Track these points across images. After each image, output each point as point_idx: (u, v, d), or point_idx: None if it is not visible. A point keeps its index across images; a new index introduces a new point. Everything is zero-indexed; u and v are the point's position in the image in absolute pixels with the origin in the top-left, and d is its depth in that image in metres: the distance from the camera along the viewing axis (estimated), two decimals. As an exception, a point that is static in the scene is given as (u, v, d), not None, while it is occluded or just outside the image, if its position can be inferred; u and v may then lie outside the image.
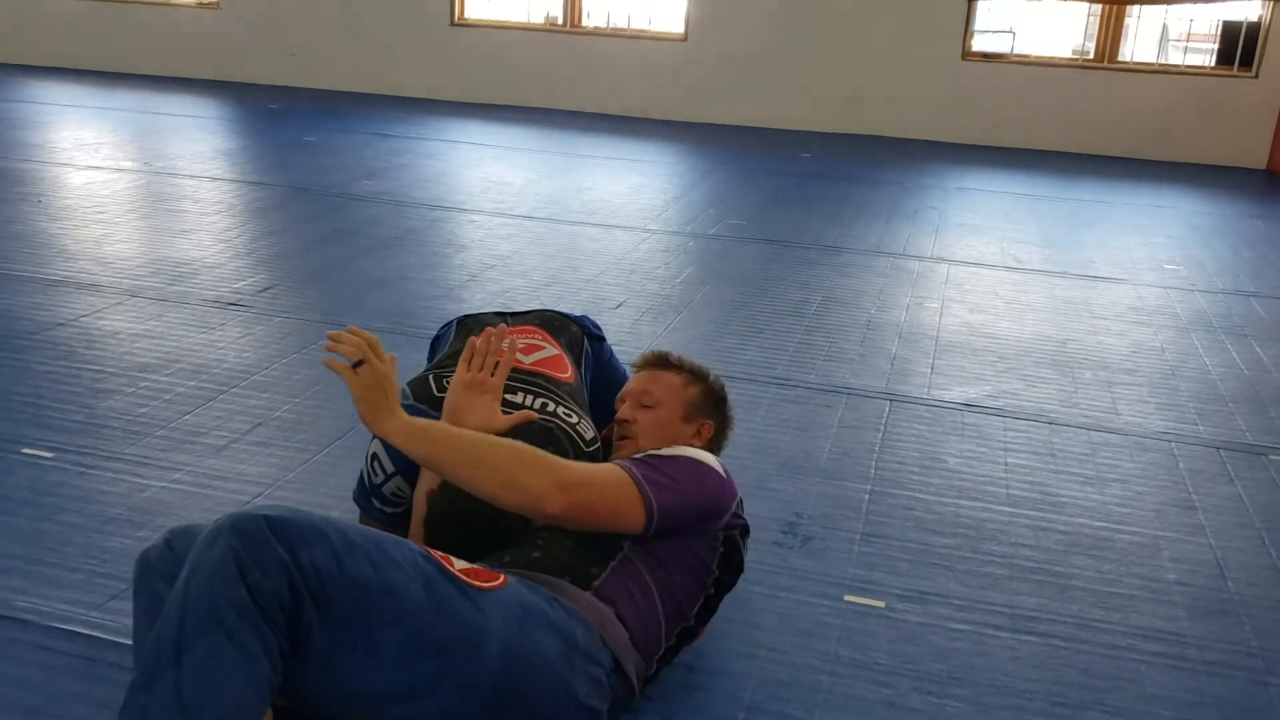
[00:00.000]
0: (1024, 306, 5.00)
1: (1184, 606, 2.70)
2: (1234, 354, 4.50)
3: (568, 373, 2.68)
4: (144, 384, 3.63)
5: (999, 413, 3.79)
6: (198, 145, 7.82)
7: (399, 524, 2.48)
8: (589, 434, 2.47)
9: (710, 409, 2.57)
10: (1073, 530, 3.03)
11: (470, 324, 2.87)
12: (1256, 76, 8.96)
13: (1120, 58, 9.31)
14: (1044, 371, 4.20)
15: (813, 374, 4.04)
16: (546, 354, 2.69)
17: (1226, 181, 8.46)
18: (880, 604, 2.63)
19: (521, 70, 10.19)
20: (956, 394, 3.93)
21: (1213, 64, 9.31)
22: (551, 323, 2.86)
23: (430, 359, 2.94)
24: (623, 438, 2.51)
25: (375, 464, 2.49)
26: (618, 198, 6.80)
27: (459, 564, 1.90)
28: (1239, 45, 9.02)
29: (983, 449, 3.51)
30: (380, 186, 6.73)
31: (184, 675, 1.60)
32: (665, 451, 2.25)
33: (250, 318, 4.30)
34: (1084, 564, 2.86)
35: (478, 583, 1.87)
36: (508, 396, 2.45)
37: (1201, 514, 3.17)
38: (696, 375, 2.60)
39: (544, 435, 2.35)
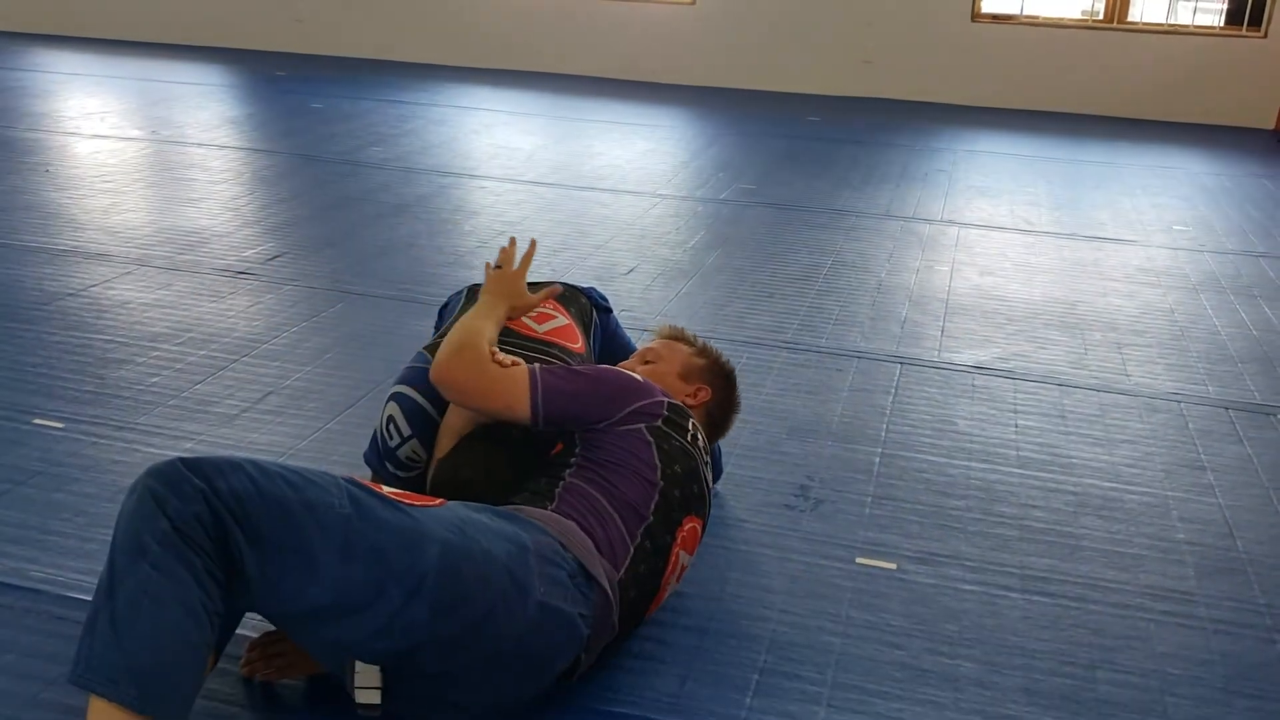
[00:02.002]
0: (1034, 269, 4.99)
1: (1193, 566, 2.71)
2: (1243, 314, 4.50)
3: (578, 343, 2.69)
4: (154, 353, 3.65)
5: (1009, 375, 3.79)
6: (204, 113, 7.81)
7: (412, 489, 2.49)
8: None
9: (710, 377, 2.59)
10: (1083, 491, 3.04)
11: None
12: (1265, 36, 8.89)
13: (1129, 18, 9.24)
14: (1054, 333, 4.20)
15: (823, 338, 4.04)
16: (558, 324, 2.70)
17: (1235, 142, 8.42)
18: (892, 566, 2.65)
19: (530, 35, 10.15)
20: (967, 357, 3.93)
21: (1222, 24, 9.25)
22: (561, 294, 2.87)
23: (438, 326, 2.94)
24: None
25: (391, 426, 2.49)
26: (627, 163, 6.79)
27: (389, 490, 1.94)
28: (1248, 5, 8.96)
29: (993, 411, 3.51)
30: (389, 153, 6.72)
31: (116, 608, 1.66)
32: (582, 367, 2.40)
33: (260, 286, 4.31)
34: (1094, 524, 2.87)
35: (410, 501, 1.91)
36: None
37: (1210, 474, 3.18)
38: (706, 351, 2.66)
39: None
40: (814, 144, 7.60)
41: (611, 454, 2.20)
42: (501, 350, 2.41)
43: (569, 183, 6.22)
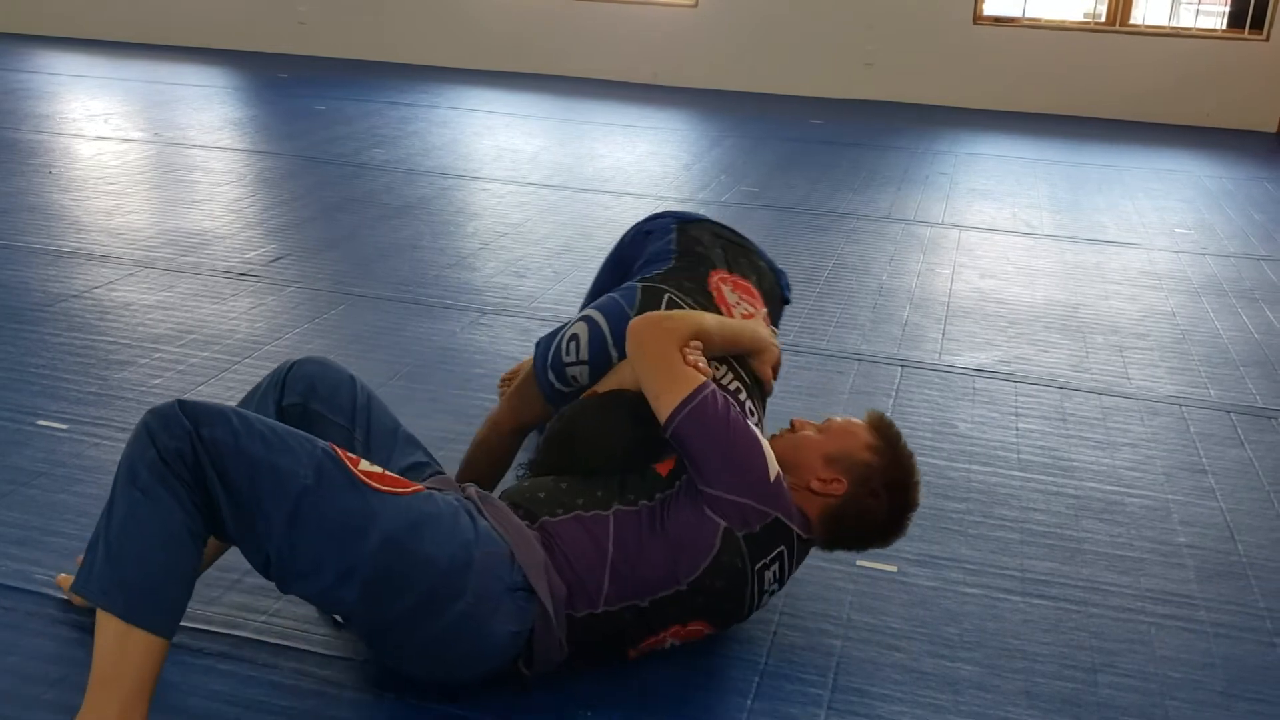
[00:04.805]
0: (1035, 271, 4.99)
1: (1194, 569, 2.72)
2: (1244, 318, 4.50)
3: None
4: (157, 355, 3.65)
5: (1010, 378, 3.79)
6: (207, 115, 7.82)
7: (560, 403, 2.52)
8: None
9: (859, 476, 2.24)
10: (1084, 494, 3.04)
11: (691, 231, 2.83)
12: (1267, 39, 8.90)
13: (1131, 21, 9.25)
14: (1055, 336, 4.20)
15: (824, 340, 4.05)
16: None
17: (1238, 145, 8.43)
18: (892, 569, 2.65)
19: (533, 37, 10.15)
20: (968, 359, 3.94)
21: (1224, 27, 9.26)
22: (762, 280, 2.80)
23: (629, 257, 2.92)
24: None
25: (572, 344, 2.53)
26: (629, 165, 6.79)
27: (366, 466, 2.02)
28: (1250, 7, 8.96)
29: (994, 414, 3.52)
30: (391, 155, 6.73)
31: (111, 528, 1.89)
32: (742, 421, 2.21)
33: (262, 288, 4.31)
34: (1095, 528, 2.88)
35: (376, 484, 2.00)
36: (726, 384, 2.43)
37: (1212, 477, 3.18)
38: (885, 454, 2.27)
39: None
40: (816, 147, 7.61)
41: (675, 526, 2.13)
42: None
43: (571, 185, 6.23)
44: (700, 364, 2.26)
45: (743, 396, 2.42)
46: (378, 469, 2.04)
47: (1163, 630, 2.48)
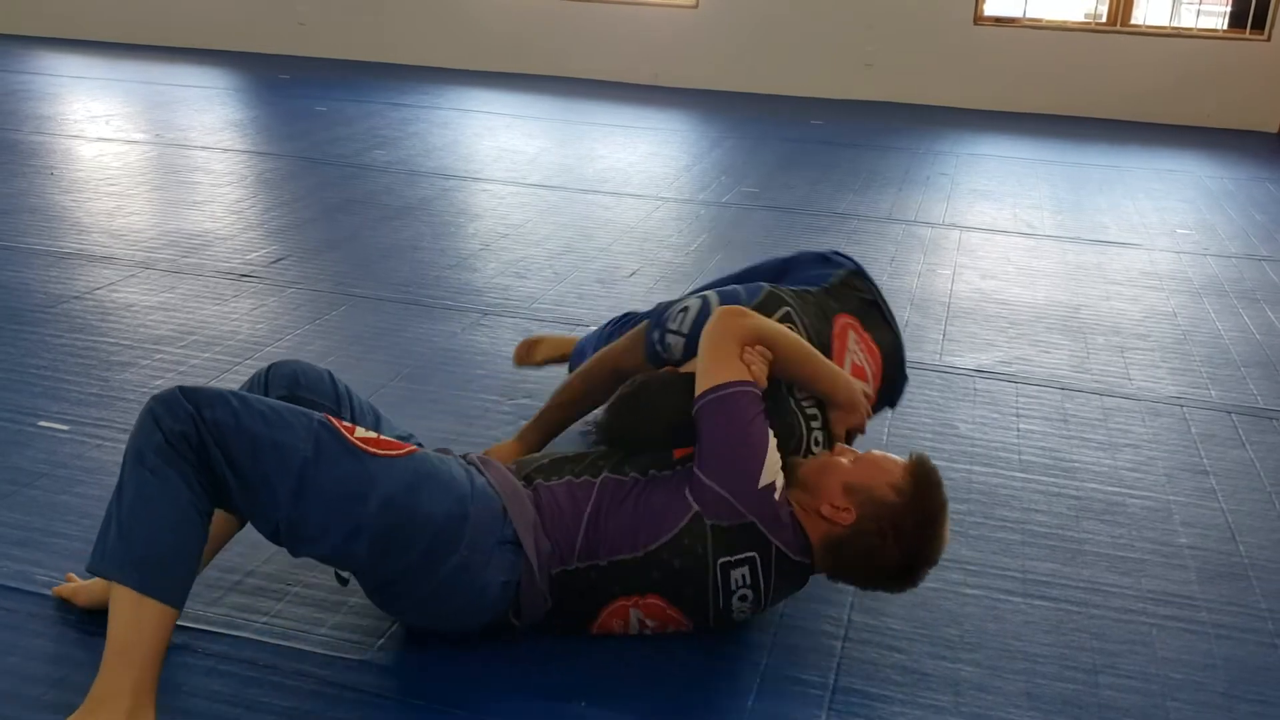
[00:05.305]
0: (1036, 272, 4.99)
1: (1195, 570, 2.72)
2: (1246, 318, 4.50)
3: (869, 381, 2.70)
4: (159, 356, 3.65)
5: (1011, 378, 3.79)
6: (208, 116, 7.83)
7: (655, 365, 2.62)
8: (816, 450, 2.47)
9: (874, 513, 2.18)
10: (1085, 495, 3.04)
11: (859, 282, 2.84)
12: (1269, 39, 8.90)
13: (1132, 21, 9.25)
14: (1056, 337, 4.20)
15: (825, 341, 4.04)
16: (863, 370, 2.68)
17: (1239, 145, 8.43)
18: (893, 570, 2.64)
19: (533, 38, 10.16)
20: (968, 360, 3.94)
21: (1225, 27, 9.26)
22: (887, 363, 2.78)
23: (792, 267, 2.98)
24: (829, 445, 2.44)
25: (681, 316, 2.61)
26: (630, 166, 6.80)
27: (361, 433, 2.15)
28: (1251, 7, 8.96)
29: (995, 415, 3.51)
30: (392, 156, 6.73)
31: (122, 506, 2.01)
32: (761, 429, 2.23)
33: (264, 289, 4.32)
34: (1096, 529, 2.87)
35: (372, 449, 2.13)
36: (805, 405, 2.47)
37: (1213, 478, 3.18)
38: (910, 496, 2.20)
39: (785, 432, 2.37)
40: (816, 147, 7.61)
41: (652, 498, 2.23)
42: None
43: (572, 185, 6.23)
44: (754, 366, 2.30)
45: (816, 424, 2.46)
46: (372, 434, 2.17)
47: (1164, 631, 2.48)
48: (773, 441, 2.23)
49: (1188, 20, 9.32)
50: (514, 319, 4.11)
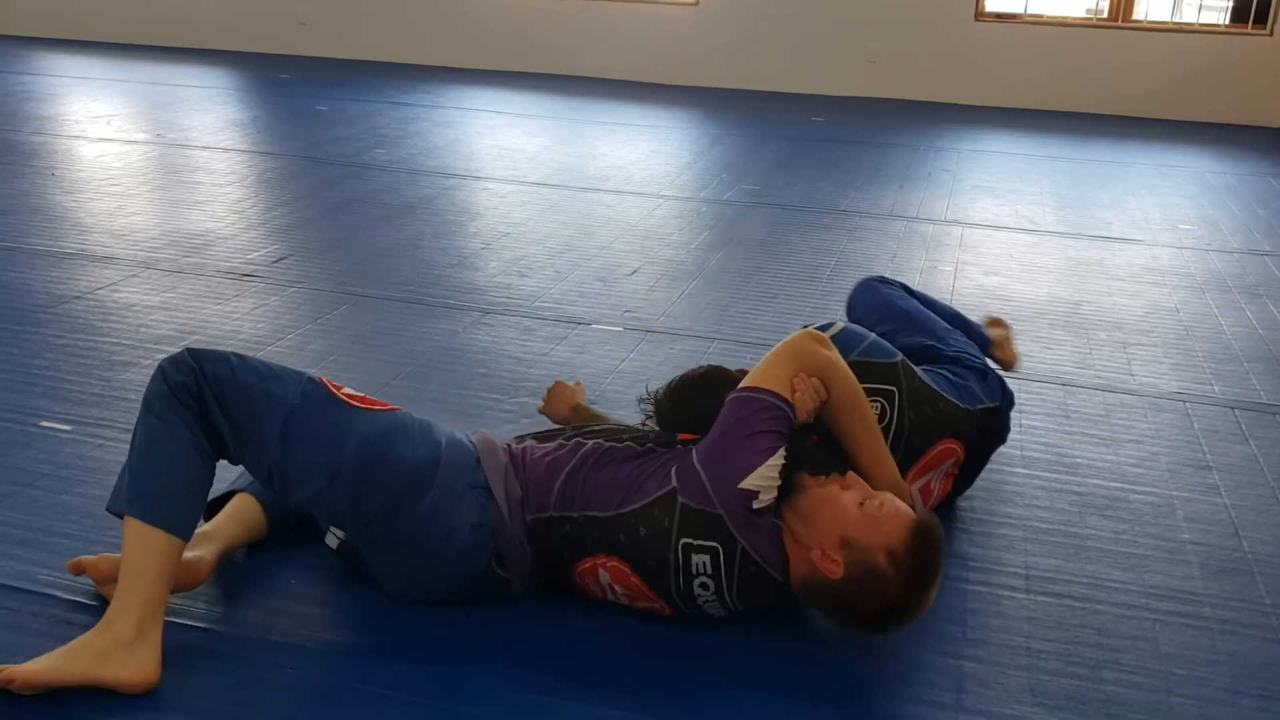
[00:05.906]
0: (1038, 268, 4.99)
1: (1198, 565, 2.71)
2: (1248, 313, 4.49)
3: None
4: (160, 356, 3.60)
5: (1013, 374, 3.78)
6: (209, 116, 7.83)
7: None
8: None
9: (864, 573, 2.14)
10: (1087, 491, 3.04)
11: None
12: (1271, 34, 8.89)
13: (1134, 16, 9.24)
14: (1058, 333, 4.19)
15: (827, 338, 4.04)
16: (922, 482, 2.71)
17: (1241, 140, 8.42)
18: (895, 566, 2.64)
19: (534, 37, 10.15)
20: (971, 356, 3.92)
21: (1227, 22, 9.24)
22: (973, 460, 2.84)
23: (955, 336, 3.07)
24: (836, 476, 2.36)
25: (825, 327, 2.66)
26: (631, 164, 6.79)
27: (350, 390, 2.36)
28: (1253, 3, 8.95)
29: (997, 411, 3.50)
30: (393, 155, 6.73)
31: (133, 450, 2.24)
32: (769, 444, 2.24)
33: (265, 288, 4.31)
34: (1099, 524, 2.87)
35: (358, 403, 2.34)
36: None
37: (1216, 473, 3.18)
38: (903, 564, 2.13)
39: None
40: (817, 144, 7.61)
41: (638, 468, 2.32)
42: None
43: (573, 184, 6.23)
44: (799, 393, 2.31)
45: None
46: (360, 394, 2.38)
47: (1167, 627, 2.47)
48: (777, 462, 2.22)
49: (1189, 15, 9.30)
50: (515, 318, 4.11)
